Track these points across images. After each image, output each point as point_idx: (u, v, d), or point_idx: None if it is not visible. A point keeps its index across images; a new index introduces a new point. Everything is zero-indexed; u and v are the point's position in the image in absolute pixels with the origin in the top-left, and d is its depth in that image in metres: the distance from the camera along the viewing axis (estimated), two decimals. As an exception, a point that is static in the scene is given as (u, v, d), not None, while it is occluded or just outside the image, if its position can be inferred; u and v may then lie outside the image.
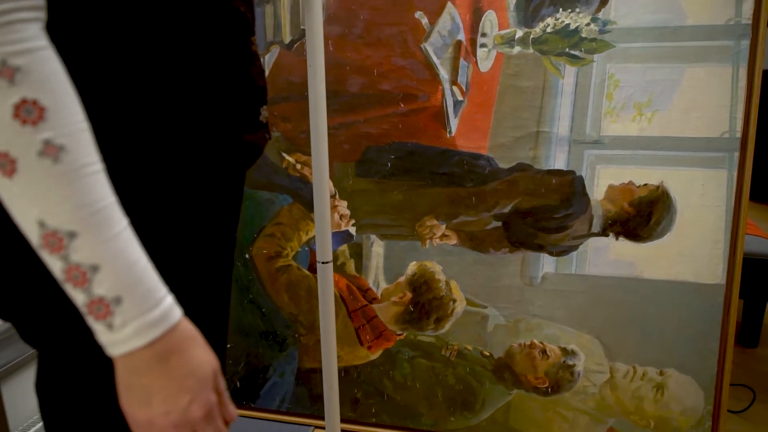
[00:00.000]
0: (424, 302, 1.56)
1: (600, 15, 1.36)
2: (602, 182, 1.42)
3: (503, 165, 1.46)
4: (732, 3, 1.30)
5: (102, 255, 0.48)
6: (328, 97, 1.29)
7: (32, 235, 0.47)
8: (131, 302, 0.49)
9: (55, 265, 0.48)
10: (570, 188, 1.43)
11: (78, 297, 0.49)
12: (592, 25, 1.37)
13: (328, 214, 1.29)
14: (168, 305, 0.52)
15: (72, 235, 0.47)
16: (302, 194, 1.60)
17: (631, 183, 1.41)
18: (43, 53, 0.46)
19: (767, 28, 1.30)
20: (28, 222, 0.47)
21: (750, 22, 1.30)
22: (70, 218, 0.47)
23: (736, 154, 1.34)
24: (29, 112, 0.45)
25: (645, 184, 1.40)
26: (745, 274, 1.73)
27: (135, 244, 0.51)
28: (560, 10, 1.38)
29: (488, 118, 1.46)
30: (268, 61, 1.57)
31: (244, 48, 0.70)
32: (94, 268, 0.48)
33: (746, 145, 1.32)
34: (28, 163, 0.45)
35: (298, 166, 1.60)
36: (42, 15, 0.47)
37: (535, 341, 1.51)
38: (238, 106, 0.70)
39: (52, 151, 0.46)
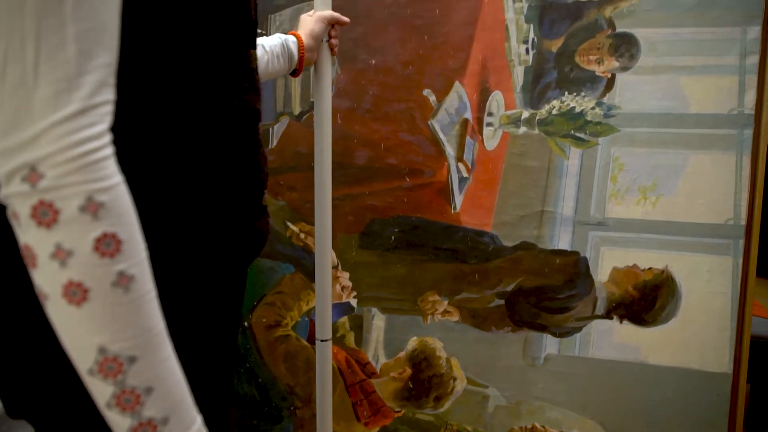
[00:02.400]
0: (424, 379, 1.52)
1: (605, 99, 1.39)
2: (606, 264, 1.42)
3: (507, 243, 1.46)
4: (734, 93, 1.33)
5: (157, 377, 0.49)
6: (334, 169, 1.30)
7: (86, 361, 0.48)
8: (176, 421, 0.51)
9: (105, 390, 0.48)
10: (574, 269, 1.42)
11: (123, 422, 0.49)
12: (597, 109, 1.39)
13: (329, 288, 1.28)
14: (200, 419, 0.54)
15: (132, 359, 0.48)
16: (305, 264, 1.59)
17: (635, 266, 1.40)
18: (121, 187, 0.49)
19: (770, 118, 1.32)
20: (85, 348, 0.48)
21: (752, 112, 1.32)
22: (132, 344, 0.48)
23: (741, 242, 1.34)
24: (108, 245, 0.47)
25: (649, 268, 1.39)
26: (753, 358, 1.70)
27: (177, 361, 0.52)
28: (566, 93, 1.41)
29: (493, 195, 1.46)
30: (277, 130, 1.59)
31: (254, 139, 0.71)
32: (148, 391, 0.49)
33: (751, 233, 1.32)
34: (101, 293, 0.47)
35: (302, 236, 1.60)
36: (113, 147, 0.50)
37: (537, 425, 1.47)
38: (248, 196, 0.71)
39: (124, 281, 0.48)
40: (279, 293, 1.61)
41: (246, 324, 1.64)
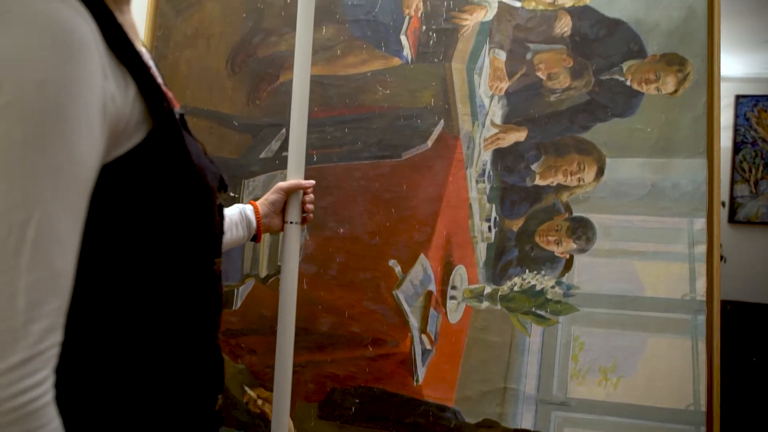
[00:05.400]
0: None
1: (564, 279, 1.43)
2: (570, 446, 1.39)
3: (470, 419, 1.43)
4: (686, 280, 1.38)
5: None
6: (297, 334, 1.29)
7: None
8: None
9: None
10: (537, 450, 1.39)
11: None
12: (557, 288, 1.43)
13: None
14: None
15: None
16: (260, 433, 1.52)
17: (599, 450, 1.37)
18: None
19: (720, 305, 1.37)
20: None
21: (704, 299, 1.37)
22: None
23: (703, 429, 1.33)
24: None
25: (613, 453, 1.37)
26: None
27: None
28: (527, 271, 1.45)
29: (456, 369, 1.45)
30: (241, 292, 1.59)
31: (213, 347, 0.71)
32: None
33: (712, 422, 1.32)
34: None
35: (260, 402, 1.54)
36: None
37: None
38: (204, 405, 0.70)
39: None
40: (231, 464, 1.53)
41: (192, 497, 1.52)
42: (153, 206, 0.60)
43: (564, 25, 1.46)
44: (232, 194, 1.62)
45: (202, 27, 1.67)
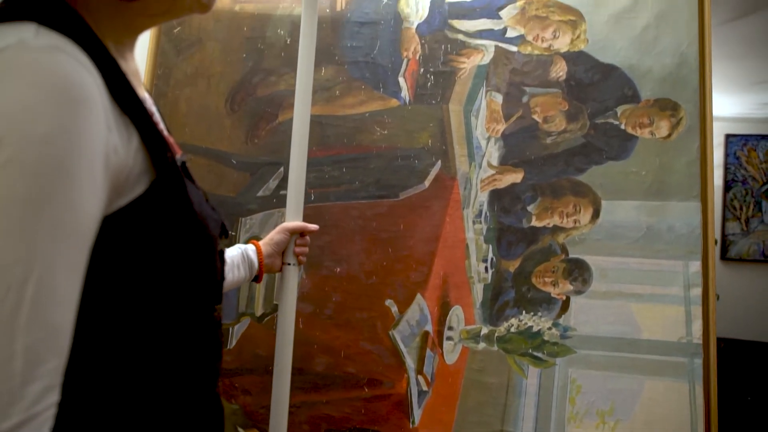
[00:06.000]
0: None
1: (561, 321, 1.43)
2: (568, 492, 1.37)
3: (466, 463, 1.41)
4: (682, 322, 1.39)
5: None
6: (292, 374, 1.27)
7: None
8: None
9: None
10: (535, 496, 1.37)
11: None
12: (554, 330, 1.43)
13: None
14: None
15: None
16: (253, 476, 1.50)
17: (597, 496, 1.35)
18: None
19: (716, 348, 1.37)
20: None
21: (701, 341, 1.37)
22: None
23: (701, 474, 1.32)
24: None
25: (612, 499, 1.35)
26: None
27: None
28: (523, 312, 1.45)
29: (452, 411, 1.44)
30: (236, 331, 1.58)
31: (212, 395, 0.71)
32: None
33: (710, 468, 1.31)
34: None
35: (253, 444, 1.52)
36: None
37: None
38: None
39: None
40: (222, 508, 1.49)
41: None
42: (154, 256, 0.60)
43: (559, 70, 1.49)
44: (230, 232, 1.62)
45: (203, 66, 1.69)
